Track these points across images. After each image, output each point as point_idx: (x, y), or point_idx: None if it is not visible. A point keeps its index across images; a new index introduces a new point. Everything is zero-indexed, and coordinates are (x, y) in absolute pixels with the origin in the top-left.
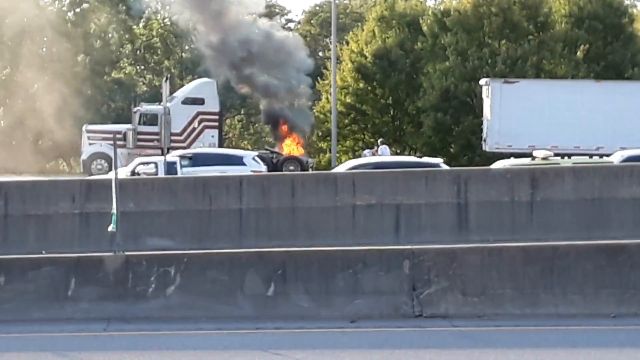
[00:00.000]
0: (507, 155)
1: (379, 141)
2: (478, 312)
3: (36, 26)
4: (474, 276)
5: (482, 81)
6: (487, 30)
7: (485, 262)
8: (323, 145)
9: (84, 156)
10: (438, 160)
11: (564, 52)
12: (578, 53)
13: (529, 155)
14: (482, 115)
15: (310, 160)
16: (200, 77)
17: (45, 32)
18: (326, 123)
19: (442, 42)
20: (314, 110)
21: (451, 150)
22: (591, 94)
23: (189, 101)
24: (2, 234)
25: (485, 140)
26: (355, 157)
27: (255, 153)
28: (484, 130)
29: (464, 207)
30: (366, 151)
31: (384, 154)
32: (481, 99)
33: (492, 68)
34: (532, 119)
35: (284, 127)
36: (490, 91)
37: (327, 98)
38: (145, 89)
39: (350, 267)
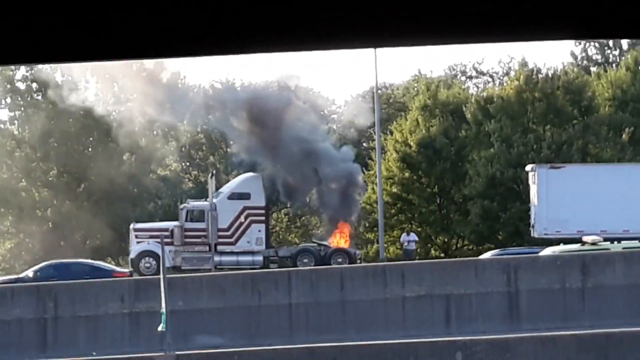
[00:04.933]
0: (556, 241)
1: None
2: None
3: (82, 127)
4: None
5: (528, 167)
6: (531, 116)
7: (539, 352)
8: (370, 236)
9: (132, 255)
10: None
11: (609, 135)
12: (623, 136)
13: (578, 240)
14: (529, 202)
15: (357, 252)
16: (245, 172)
17: (91, 133)
18: (373, 214)
19: (486, 129)
20: (361, 202)
21: (499, 237)
22: (638, 177)
23: (235, 196)
24: (52, 336)
25: (533, 227)
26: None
27: None
28: (532, 217)
29: (515, 296)
30: (403, 236)
31: (410, 242)
32: (528, 185)
33: (537, 154)
34: (580, 203)
35: (341, 225)
36: (536, 177)
37: (372, 189)
38: (191, 185)
39: None
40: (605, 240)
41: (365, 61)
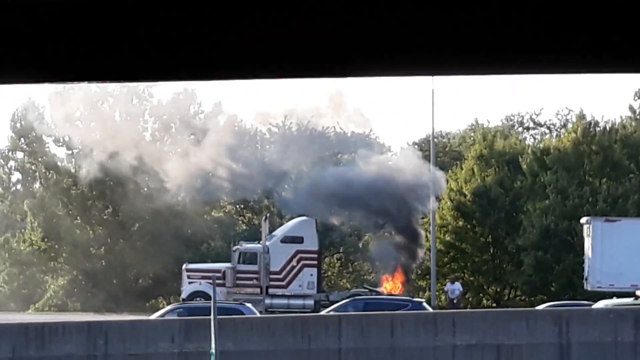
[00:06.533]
0: (610, 295)
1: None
2: None
3: (132, 167)
4: None
5: (583, 220)
6: (587, 169)
7: None
8: (422, 283)
9: (183, 295)
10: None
11: None
12: None
13: (631, 294)
14: (583, 254)
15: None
16: (299, 216)
17: (147, 172)
18: (426, 261)
19: (542, 180)
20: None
21: (552, 289)
22: None
23: (288, 240)
24: None
25: (586, 279)
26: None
27: None
28: (586, 269)
29: (566, 348)
30: (447, 284)
31: (454, 291)
32: (582, 237)
33: (592, 206)
34: (634, 257)
35: (399, 272)
36: (591, 230)
37: (426, 236)
38: (244, 227)
39: None
40: None
41: (422, 109)
